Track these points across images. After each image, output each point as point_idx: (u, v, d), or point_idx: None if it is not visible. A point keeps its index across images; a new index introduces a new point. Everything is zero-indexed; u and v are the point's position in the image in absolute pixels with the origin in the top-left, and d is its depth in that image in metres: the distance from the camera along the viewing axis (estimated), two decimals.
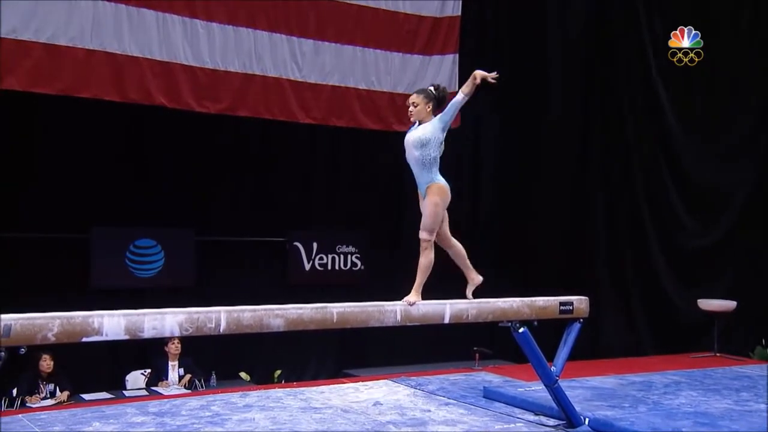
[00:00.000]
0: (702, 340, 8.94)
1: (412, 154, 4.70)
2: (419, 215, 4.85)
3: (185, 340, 7.43)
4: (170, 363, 7.55)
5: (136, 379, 7.72)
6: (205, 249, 8.73)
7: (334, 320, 4.29)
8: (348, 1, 8.41)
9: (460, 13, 9.02)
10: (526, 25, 10.27)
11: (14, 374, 7.02)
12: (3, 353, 3.36)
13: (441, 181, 4.72)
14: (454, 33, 8.96)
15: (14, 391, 6.97)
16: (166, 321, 3.74)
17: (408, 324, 4.63)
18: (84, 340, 3.55)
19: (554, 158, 10.35)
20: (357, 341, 9.25)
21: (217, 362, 8.02)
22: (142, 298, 8.25)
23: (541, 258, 10.26)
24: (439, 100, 4.78)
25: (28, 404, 6.75)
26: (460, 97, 4.65)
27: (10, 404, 6.71)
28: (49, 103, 7.45)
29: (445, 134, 4.71)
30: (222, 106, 7.93)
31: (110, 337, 3.61)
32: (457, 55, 8.98)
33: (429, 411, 5.57)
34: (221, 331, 3.91)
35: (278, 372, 8.36)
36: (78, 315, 3.53)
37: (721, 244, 9.51)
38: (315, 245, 9.37)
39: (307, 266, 9.33)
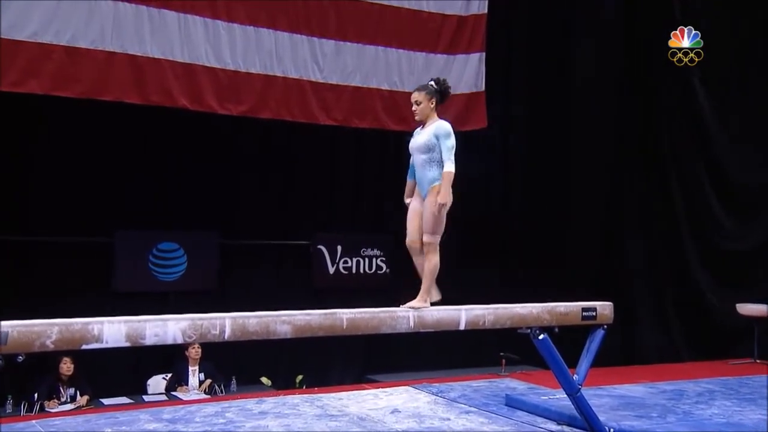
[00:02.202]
0: (741, 345, 8.67)
1: (419, 158, 4.63)
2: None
3: (206, 344, 7.40)
4: (191, 368, 7.54)
5: (158, 383, 7.73)
6: (228, 252, 8.72)
7: (344, 327, 4.19)
8: (370, 1, 8.32)
9: (486, 11, 8.85)
10: (555, 22, 10.07)
11: (35, 378, 7.08)
12: (1, 361, 3.32)
13: None
14: (480, 31, 8.81)
15: (36, 395, 7.00)
16: (168, 328, 3.68)
17: (421, 330, 4.52)
18: (84, 347, 3.51)
19: (587, 158, 10.13)
20: (382, 346, 9.17)
21: (239, 367, 7.98)
22: (165, 302, 8.29)
23: (574, 261, 10.06)
24: (442, 94, 4.66)
25: (46, 409, 6.77)
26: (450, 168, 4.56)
27: (30, 409, 6.73)
28: (72, 107, 7.47)
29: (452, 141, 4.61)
30: (244, 108, 7.89)
31: (110, 345, 3.56)
32: (484, 54, 8.82)
33: (448, 419, 5.45)
34: (226, 338, 3.84)
35: (300, 377, 8.31)
36: (77, 322, 3.48)
37: (761, 245, 9.21)
38: (339, 248, 9.32)
39: (332, 270, 9.27)
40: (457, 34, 8.68)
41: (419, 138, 4.62)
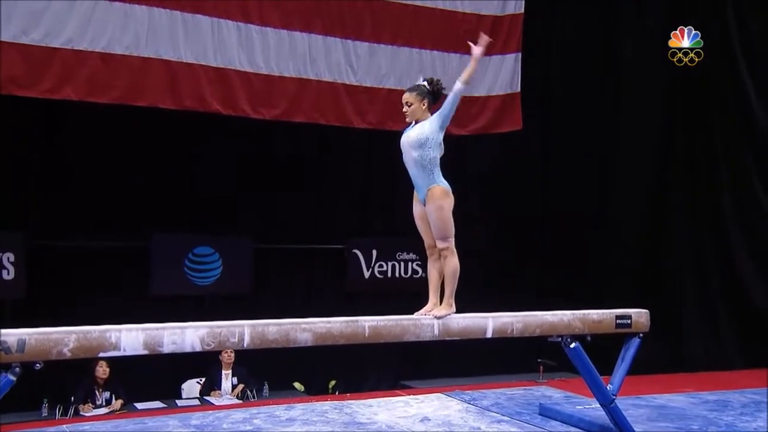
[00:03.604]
0: None
1: (410, 156, 4.44)
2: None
3: (239, 349, 7.40)
4: (224, 372, 7.55)
5: (192, 387, 7.76)
6: (262, 256, 8.73)
7: (366, 334, 4.15)
8: (404, 2, 8.24)
9: (522, 11, 8.70)
10: (597, 18, 9.84)
11: (71, 381, 7.17)
12: (18, 369, 3.35)
13: (443, 183, 4.46)
14: (517, 31, 8.65)
15: (72, 399, 7.09)
16: (186, 335, 3.69)
17: (447, 339, 4.45)
18: (101, 355, 3.52)
19: (632, 158, 9.84)
20: (418, 351, 9.07)
21: (272, 371, 7.96)
22: (200, 306, 8.36)
23: (618, 263, 9.83)
24: (434, 95, 4.50)
25: (81, 413, 6.84)
26: (458, 86, 4.37)
27: (64, 412, 6.81)
28: (109, 113, 7.54)
29: (443, 133, 4.43)
30: (277, 112, 7.87)
31: (128, 353, 3.57)
32: (520, 54, 8.68)
33: (479, 429, 5.35)
34: (245, 345, 3.84)
35: (333, 382, 8.27)
36: (95, 330, 3.50)
37: None
38: (374, 252, 9.26)
39: (367, 274, 9.21)
40: (493, 34, 8.47)
41: (411, 133, 4.44)
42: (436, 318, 4.39)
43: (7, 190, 7.83)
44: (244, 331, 3.80)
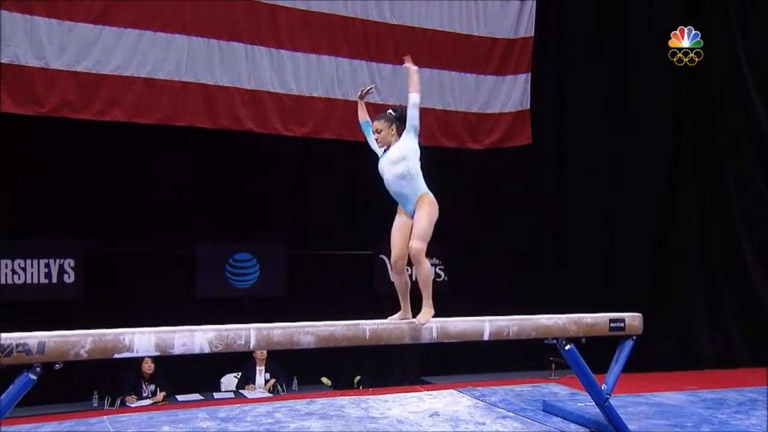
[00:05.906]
0: None
1: (394, 173, 4.31)
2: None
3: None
4: (257, 368, 7.53)
5: (229, 381, 7.76)
6: (296, 262, 8.70)
7: (367, 337, 4.06)
8: (424, 27, 8.15)
9: (533, 34, 8.54)
10: (606, 35, 9.56)
11: (121, 375, 7.23)
12: (39, 369, 3.34)
13: (430, 192, 4.31)
14: (527, 53, 8.49)
15: (122, 391, 7.14)
16: (195, 338, 3.63)
17: (445, 341, 4.32)
18: (116, 356, 3.49)
19: (644, 162, 9.46)
20: (441, 348, 8.90)
21: (303, 367, 7.91)
22: (239, 308, 8.35)
23: (629, 265, 9.53)
24: (401, 120, 4.39)
25: (126, 404, 6.89)
26: (416, 98, 4.34)
27: (112, 403, 6.87)
28: (154, 134, 7.58)
29: (417, 140, 4.33)
30: (307, 130, 7.85)
31: (141, 354, 3.54)
32: (529, 75, 8.51)
33: (483, 424, 5.20)
34: (251, 347, 3.78)
35: (358, 378, 8.17)
36: (109, 332, 3.47)
37: None
38: None
39: (392, 277, 9.08)
40: (506, 56, 8.39)
41: (390, 153, 4.33)
42: (421, 324, 4.25)
43: (67, 203, 7.97)
44: (250, 333, 3.74)
